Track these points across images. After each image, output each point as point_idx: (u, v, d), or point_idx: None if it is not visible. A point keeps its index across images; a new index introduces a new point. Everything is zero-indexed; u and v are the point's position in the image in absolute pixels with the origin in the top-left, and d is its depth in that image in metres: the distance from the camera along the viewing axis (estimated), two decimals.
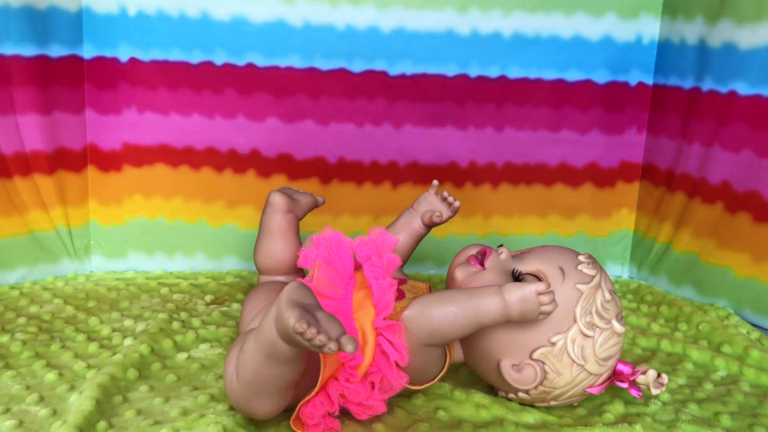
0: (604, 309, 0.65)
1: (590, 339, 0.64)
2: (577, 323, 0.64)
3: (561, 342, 0.64)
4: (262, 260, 0.82)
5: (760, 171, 0.92)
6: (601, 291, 0.65)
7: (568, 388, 0.66)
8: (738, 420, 0.69)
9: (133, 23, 0.99)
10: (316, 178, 1.06)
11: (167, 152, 1.03)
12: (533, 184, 1.11)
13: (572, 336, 0.64)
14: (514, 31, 1.05)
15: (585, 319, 0.64)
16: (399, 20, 1.03)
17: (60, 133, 0.98)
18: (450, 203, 0.81)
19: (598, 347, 0.64)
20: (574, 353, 0.64)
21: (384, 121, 1.06)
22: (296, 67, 1.02)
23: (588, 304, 0.64)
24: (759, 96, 0.92)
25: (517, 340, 0.64)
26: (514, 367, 0.65)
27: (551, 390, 0.66)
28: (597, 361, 0.64)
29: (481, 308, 0.61)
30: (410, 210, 0.82)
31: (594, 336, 0.64)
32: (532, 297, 0.61)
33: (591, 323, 0.64)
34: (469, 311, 0.61)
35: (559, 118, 1.09)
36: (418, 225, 0.80)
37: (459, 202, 0.81)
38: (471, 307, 0.61)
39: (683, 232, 1.03)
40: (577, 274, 0.66)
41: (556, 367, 0.64)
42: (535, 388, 0.65)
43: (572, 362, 0.64)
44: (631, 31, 1.07)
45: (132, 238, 1.05)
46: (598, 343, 0.64)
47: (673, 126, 1.05)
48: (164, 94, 1.01)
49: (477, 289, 0.63)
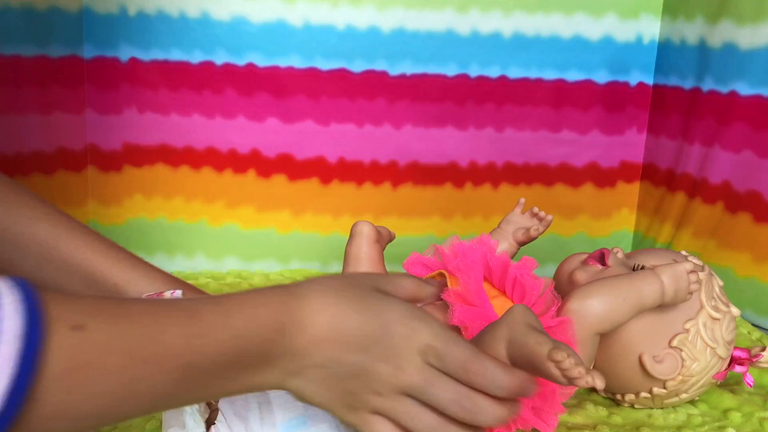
0: (722, 293, 0.68)
1: (718, 322, 0.67)
2: (705, 308, 0.66)
3: (694, 328, 0.66)
4: None
5: (761, 171, 0.92)
6: (714, 278, 0.69)
7: (702, 374, 0.67)
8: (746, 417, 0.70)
9: (133, 23, 0.99)
10: (316, 178, 1.06)
11: (167, 152, 1.03)
12: (533, 184, 1.11)
13: (703, 320, 0.66)
14: (514, 31, 1.05)
15: (711, 304, 0.67)
16: (399, 20, 1.03)
17: (60, 133, 0.98)
18: (542, 218, 0.77)
19: (724, 330, 0.67)
20: (707, 337, 0.66)
21: (384, 121, 1.06)
22: (296, 67, 1.02)
23: (709, 289, 0.67)
24: (759, 96, 0.92)
25: (655, 330, 0.66)
26: (656, 358, 0.66)
27: (689, 378, 0.67)
28: (725, 344, 0.67)
29: (644, 290, 0.62)
30: (498, 230, 0.79)
31: (721, 318, 0.67)
32: (684, 275, 0.63)
33: (716, 307, 0.67)
34: (634, 293, 0.62)
35: (559, 118, 1.09)
36: (510, 245, 0.77)
37: (551, 216, 0.77)
38: (634, 288, 0.62)
39: (684, 233, 1.03)
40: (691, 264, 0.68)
41: (692, 353, 0.66)
42: (673, 378, 0.66)
43: (706, 346, 0.66)
44: (631, 31, 1.07)
45: (132, 238, 1.04)
46: (724, 326, 0.67)
47: (674, 126, 1.05)
48: (164, 94, 1.01)
49: (633, 273, 0.65)
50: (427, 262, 0.69)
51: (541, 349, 0.45)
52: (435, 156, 1.08)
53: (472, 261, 0.64)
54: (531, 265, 0.64)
